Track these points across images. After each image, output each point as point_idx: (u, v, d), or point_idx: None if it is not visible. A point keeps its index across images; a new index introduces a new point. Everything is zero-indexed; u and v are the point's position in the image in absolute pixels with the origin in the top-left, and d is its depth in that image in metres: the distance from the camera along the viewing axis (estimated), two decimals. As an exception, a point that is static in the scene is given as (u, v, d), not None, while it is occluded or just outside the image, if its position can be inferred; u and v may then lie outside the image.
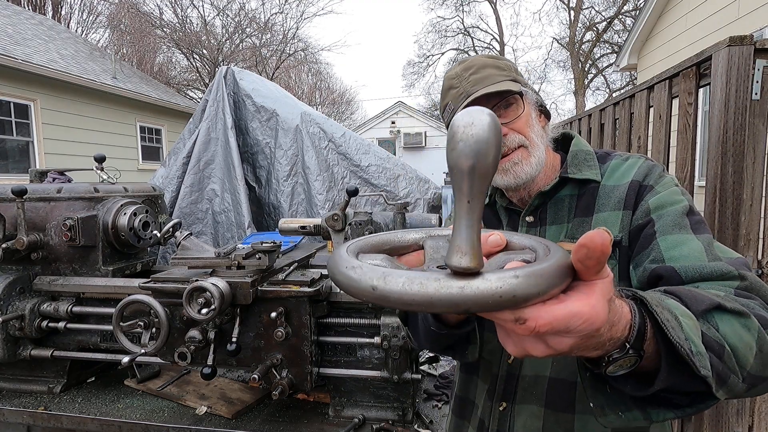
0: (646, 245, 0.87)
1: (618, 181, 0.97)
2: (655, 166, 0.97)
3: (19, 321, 2.06)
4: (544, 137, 1.03)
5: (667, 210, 0.88)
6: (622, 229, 0.92)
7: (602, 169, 1.00)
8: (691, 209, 0.89)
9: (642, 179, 0.94)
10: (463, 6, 23.38)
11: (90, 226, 2.13)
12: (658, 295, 0.63)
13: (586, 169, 1.00)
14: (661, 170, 0.96)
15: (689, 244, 0.82)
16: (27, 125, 8.67)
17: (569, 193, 1.01)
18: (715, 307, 0.63)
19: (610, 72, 21.19)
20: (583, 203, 0.99)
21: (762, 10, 4.93)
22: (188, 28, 18.67)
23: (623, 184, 0.95)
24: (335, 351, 1.96)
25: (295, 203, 3.50)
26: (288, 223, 2.28)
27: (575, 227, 0.98)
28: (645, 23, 7.53)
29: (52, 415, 2.00)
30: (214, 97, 3.57)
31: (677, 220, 0.86)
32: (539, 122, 1.03)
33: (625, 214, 0.93)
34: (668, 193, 0.91)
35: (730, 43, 1.99)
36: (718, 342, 0.60)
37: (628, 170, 0.97)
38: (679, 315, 0.58)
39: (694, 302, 0.62)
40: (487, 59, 1.02)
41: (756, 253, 2.06)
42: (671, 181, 0.94)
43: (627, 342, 0.55)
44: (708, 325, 0.61)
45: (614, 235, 0.90)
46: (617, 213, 0.93)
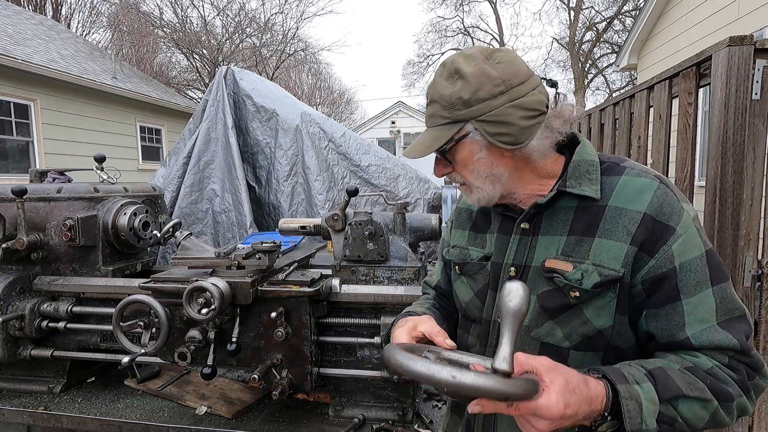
0: (668, 300, 0.87)
1: (628, 204, 0.90)
2: (669, 194, 0.90)
3: (19, 321, 2.06)
4: (492, 175, 0.96)
5: (691, 262, 0.86)
6: (625, 265, 0.88)
7: (609, 183, 0.94)
8: (709, 252, 0.88)
9: (656, 213, 0.88)
10: (463, 6, 23.39)
11: (90, 226, 2.13)
12: (640, 374, 0.81)
13: (587, 183, 0.94)
14: (676, 201, 0.89)
15: (705, 304, 0.86)
16: (27, 125, 8.67)
17: (567, 204, 0.96)
18: (680, 396, 0.80)
19: (610, 72, 21.19)
20: (585, 220, 0.93)
21: (762, 10, 4.93)
22: (188, 28, 18.67)
23: (633, 212, 0.89)
24: (335, 351, 1.96)
25: (295, 203, 3.50)
26: (288, 223, 2.28)
27: (572, 245, 0.93)
28: (645, 23, 7.53)
29: (52, 415, 2.00)
30: (214, 97, 3.57)
31: (699, 276, 0.86)
32: (488, 159, 0.95)
33: (634, 250, 0.88)
34: (690, 235, 0.87)
35: (730, 43, 1.99)
36: (672, 417, 0.80)
37: (640, 195, 0.90)
38: (645, 400, 0.77)
39: (664, 390, 0.80)
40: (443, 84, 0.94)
41: (756, 253, 2.06)
42: (689, 217, 0.88)
43: (605, 412, 0.77)
44: (668, 406, 0.79)
45: (617, 269, 0.88)
46: (623, 246, 0.88)
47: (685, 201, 0.91)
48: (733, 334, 0.85)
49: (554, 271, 0.93)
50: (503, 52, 0.94)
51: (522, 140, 0.91)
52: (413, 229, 2.16)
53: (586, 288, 0.89)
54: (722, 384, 0.83)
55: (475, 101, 0.90)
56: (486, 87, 0.89)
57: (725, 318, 0.86)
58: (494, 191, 0.99)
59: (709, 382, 0.82)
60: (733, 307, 0.87)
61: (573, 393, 0.73)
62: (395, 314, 1.85)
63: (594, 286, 0.89)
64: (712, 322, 0.85)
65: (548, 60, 27.80)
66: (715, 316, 0.86)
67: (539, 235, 0.98)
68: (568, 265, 0.92)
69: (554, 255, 0.95)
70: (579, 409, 0.74)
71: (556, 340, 0.94)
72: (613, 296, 0.89)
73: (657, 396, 0.78)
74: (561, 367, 0.77)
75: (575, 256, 0.92)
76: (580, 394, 0.74)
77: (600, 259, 0.89)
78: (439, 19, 24.18)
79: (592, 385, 0.77)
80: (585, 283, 0.89)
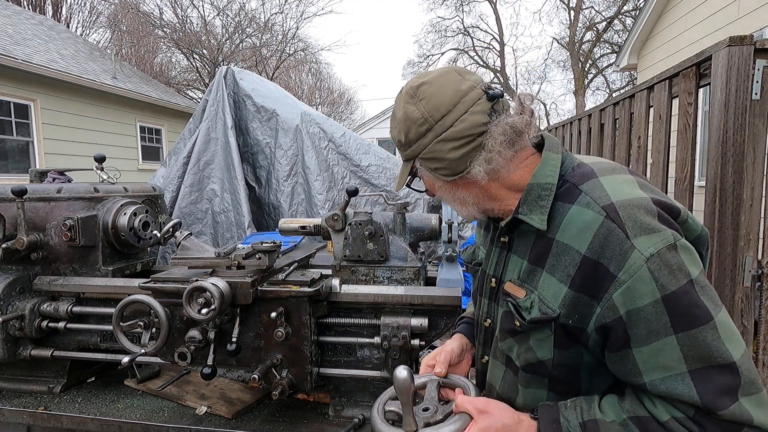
0: (618, 347, 0.82)
1: (571, 241, 0.86)
2: (614, 232, 0.80)
3: (19, 321, 2.06)
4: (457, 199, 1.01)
5: (640, 311, 0.78)
6: (563, 306, 0.86)
7: (560, 212, 0.89)
8: (670, 296, 0.77)
9: (597, 257, 0.81)
10: (463, 6, 23.37)
11: (90, 226, 2.13)
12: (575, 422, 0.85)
13: (537, 211, 0.91)
14: (623, 238, 0.79)
15: (666, 352, 0.78)
16: (27, 125, 8.67)
17: (528, 228, 0.95)
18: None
19: (610, 72, 21.18)
20: (538, 249, 0.92)
21: (762, 10, 4.93)
22: (188, 28, 18.66)
23: (575, 252, 0.84)
24: (335, 351, 1.95)
25: (295, 203, 3.50)
26: (288, 223, 2.28)
27: (527, 271, 0.94)
28: (645, 23, 7.53)
29: (52, 415, 2.00)
30: (214, 97, 3.58)
31: (652, 325, 0.78)
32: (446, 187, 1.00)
33: (573, 294, 0.85)
34: (636, 281, 0.78)
35: (730, 43, 1.99)
36: None
37: (583, 232, 0.84)
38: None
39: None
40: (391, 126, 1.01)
41: (756, 253, 2.06)
42: (638, 257, 0.78)
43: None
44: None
45: (554, 309, 0.87)
46: (562, 288, 0.86)
47: (643, 233, 0.79)
48: (699, 386, 0.76)
49: (509, 294, 0.96)
50: (428, 84, 0.94)
51: (460, 170, 0.93)
52: (413, 229, 2.16)
53: (525, 321, 0.91)
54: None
55: (409, 143, 0.96)
56: (413, 128, 0.94)
57: (700, 366, 0.76)
58: (468, 211, 1.02)
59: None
60: (710, 354, 0.76)
61: (495, 419, 0.88)
62: (395, 314, 1.85)
63: (530, 321, 0.90)
64: (679, 369, 0.77)
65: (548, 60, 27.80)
66: (685, 364, 0.77)
67: (511, 253, 1.00)
68: (522, 291, 0.94)
69: (515, 278, 0.97)
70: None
71: (513, 357, 0.98)
72: (549, 333, 0.89)
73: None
74: (494, 408, 0.90)
75: (529, 284, 0.93)
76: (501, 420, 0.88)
77: (544, 294, 0.89)
78: (439, 20, 24.17)
79: (522, 425, 0.89)
80: (527, 315, 0.91)
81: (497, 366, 1.05)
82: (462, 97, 0.91)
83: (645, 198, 0.85)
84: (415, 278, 2.03)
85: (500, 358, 1.03)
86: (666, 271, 0.77)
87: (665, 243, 0.79)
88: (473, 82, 0.93)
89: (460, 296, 1.87)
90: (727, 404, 0.75)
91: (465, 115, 0.90)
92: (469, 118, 0.90)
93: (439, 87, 0.92)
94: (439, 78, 0.94)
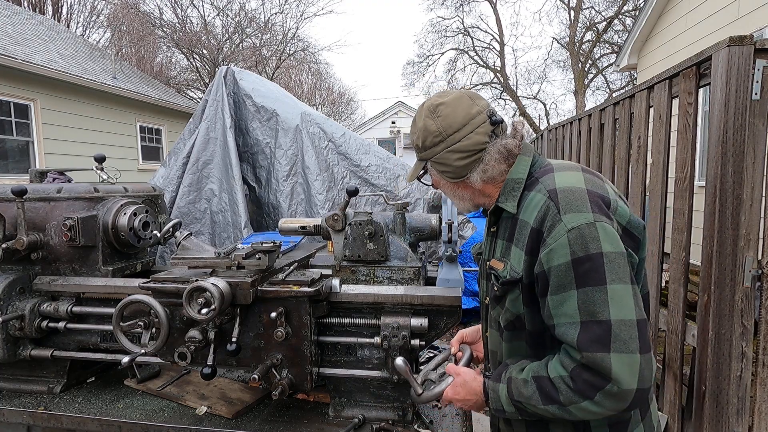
0: (542, 294, 1.07)
1: (527, 218, 1.12)
2: (550, 209, 1.06)
3: (19, 321, 2.07)
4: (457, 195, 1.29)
5: (557, 268, 1.02)
6: (524, 270, 1.10)
7: (525, 198, 1.15)
8: (578, 260, 1.00)
9: (539, 226, 1.07)
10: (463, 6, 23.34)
11: (90, 226, 2.13)
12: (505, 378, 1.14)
13: (510, 199, 1.18)
14: (555, 213, 1.05)
15: (567, 303, 1.02)
16: (27, 125, 8.67)
17: (507, 215, 1.21)
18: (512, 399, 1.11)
19: (610, 72, 21.16)
20: (511, 228, 1.18)
21: (762, 10, 4.93)
22: (188, 28, 18.66)
23: (527, 225, 1.11)
24: (335, 351, 1.96)
25: (295, 203, 3.50)
26: (288, 223, 2.28)
27: (505, 249, 1.19)
28: (645, 23, 7.53)
29: (52, 415, 2.00)
30: (214, 97, 3.57)
31: (562, 280, 1.02)
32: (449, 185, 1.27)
33: (527, 258, 1.10)
34: (558, 246, 1.02)
35: (730, 43, 1.99)
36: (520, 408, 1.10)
37: (533, 210, 1.10)
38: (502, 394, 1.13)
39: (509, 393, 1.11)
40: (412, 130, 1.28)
41: (756, 253, 2.06)
42: (563, 228, 1.02)
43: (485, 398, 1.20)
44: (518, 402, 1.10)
45: (518, 272, 1.12)
46: (521, 254, 1.11)
47: (571, 211, 1.03)
48: (581, 334, 0.99)
49: (492, 268, 1.22)
50: (446, 105, 1.19)
51: (463, 175, 1.21)
52: (413, 229, 2.16)
53: (499, 284, 1.17)
54: (556, 392, 1.03)
55: (425, 148, 1.23)
56: (429, 138, 1.21)
57: (587, 319, 0.99)
58: (466, 204, 1.30)
59: (546, 389, 1.04)
60: (594, 311, 0.98)
61: (462, 387, 1.25)
62: (395, 314, 1.86)
63: (502, 283, 1.16)
64: (575, 319, 1.00)
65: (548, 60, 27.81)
66: (579, 315, 1.00)
67: (497, 238, 1.25)
68: (500, 264, 1.19)
69: (497, 255, 1.22)
70: (466, 395, 1.24)
71: (501, 321, 1.22)
72: (518, 292, 1.13)
73: (507, 396, 1.12)
74: (463, 371, 1.29)
75: (506, 257, 1.18)
76: (466, 387, 1.24)
77: (512, 262, 1.15)
78: (439, 20, 24.15)
79: (476, 381, 1.24)
80: (501, 280, 1.17)
81: (494, 335, 1.29)
82: (470, 119, 1.17)
83: (582, 188, 1.09)
84: (415, 278, 2.03)
85: (494, 327, 1.26)
86: (580, 241, 1.00)
87: (586, 221, 1.02)
88: (481, 107, 1.19)
89: (460, 296, 1.87)
90: (592, 350, 0.97)
91: (471, 134, 1.17)
92: (474, 137, 1.17)
93: (453, 109, 1.18)
94: (455, 101, 1.19)
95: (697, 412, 2.23)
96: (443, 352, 1.50)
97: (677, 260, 2.44)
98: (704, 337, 2.17)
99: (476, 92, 1.28)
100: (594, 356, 0.96)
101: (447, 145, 1.18)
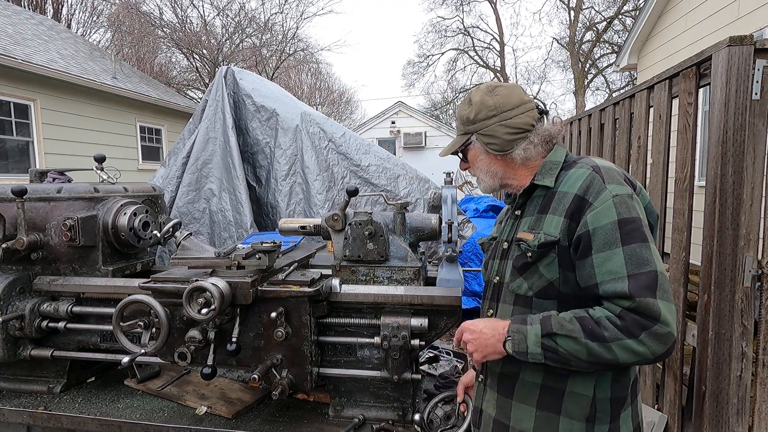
0: (584, 255, 1.15)
1: (569, 189, 1.21)
2: (595, 179, 1.18)
3: (19, 321, 2.06)
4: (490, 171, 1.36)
5: (603, 227, 1.12)
6: (561, 232, 1.18)
7: (563, 175, 1.26)
8: (624, 220, 1.11)
9: (584, 193, 1.17)
10: (463, 6, 23.35)
11: (90, 226, 2.13)
12: (535, 319, 1.17)
13: (548, 177, 1.28)
14: (601, 183, 1.16)
15: (613, 260, 1.10)
16: (27, 125, 8.66)
17: (539, 194, 1.30)
18: (551, 333, 1.12)
19: (610, 72, 21.16)
20: (544, 202, 1.27)
21: (762, 10, 4.93)
22: (188, 28, 18.65)
23: (570, 194, 1.20)
24: (335, 351, 1.95)
25: (293, 203, 3.50)
26: (288, 223, 2.28)
27: (535, 221, 1.27)
28: (645, 23, 7.53)
29: (52, 415, 2.00)
30: (214, 96, 3.57)
31: (608, 238, 1.11)
32: (487, 160, 1.35)
33: (566, 221, 1.18)
34: (604, 207, 1.13)
35: (730, 43, 1.99)
36: (552, 347, 1.12)
37: (576, 181, 1.20)
38: (530, 334, 1.14)
39: (543, 329, 1.13)
40: (462, 107, 1.38)
41: (756, 253, 2.06)
42: (608, 194, 1.14)
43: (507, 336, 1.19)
44: (549, 339, 1.13)
45: (555, 235, 1.19)
46: (560, 219, 1.20)
47: (613, 182, 1.16)
48: (631, 283, 1.07)
49: (521, 240, 1.27)
50: (504, 87, 1.32)
51: (507, 149, 1.31)
52: (413, 229, 2.16)
53: (534, 248, 1.21)
54: (600, 328, 1.07)
55: (476, 121, 1.32)
56: (483, 111, 1.31)
57: (635, 271, 1.08)
58: (493, 182, 1.38)
59: (590, 326, 1.08)
60: (642, 262, 1.08)
61: (482, 321, 1.27)
62: (395, 314, 1.85)
63: (538, 246, 1.21)
64: (621, 273, 1.08)
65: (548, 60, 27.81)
66: (626, 269, 1.08)
67: (523, 217, 1.34)
68: (530, 235, 1.25)
69: (525, 229, 1.28)
70: (484, 327, 1.23)
71: (523, 291, 1.26)
72: (554, 255, 1.20)
73: (540, 333, 1.13)
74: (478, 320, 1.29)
75: (536, 229, 1.25)
76: (487, 321, 1.26)
77: (547, 229, 1.21)
78: (439, 20, 24.16)
79: (502, 321, 1.24)
80: (534, 246, 1.21)
81: (505, 308, 1.33)
82: (524, 103, 1.30)
83: (618, 169, 1.24)
84: (415, 278, 2.03)
85: (509, 300, 1.31)
86: (624, 206, 1.13)
87: (626, 192, 1.16)
88: (531, 97, 1.34)
89: (460, 296, 1.87)
90: (645, 295, 1.05)
91: (522, 114, 1.29)
92: (524, 118, 1.29)
93: (510, 91, 1.31)
94: (511, 87, 1.33)
95: (697, 412, 2.23)
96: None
97: (677, 260, 2.44)
98: (704, 337, 2.17)
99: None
100: (646, 300, 1.04)
101: (500, 119, 1.28)
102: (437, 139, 15.47)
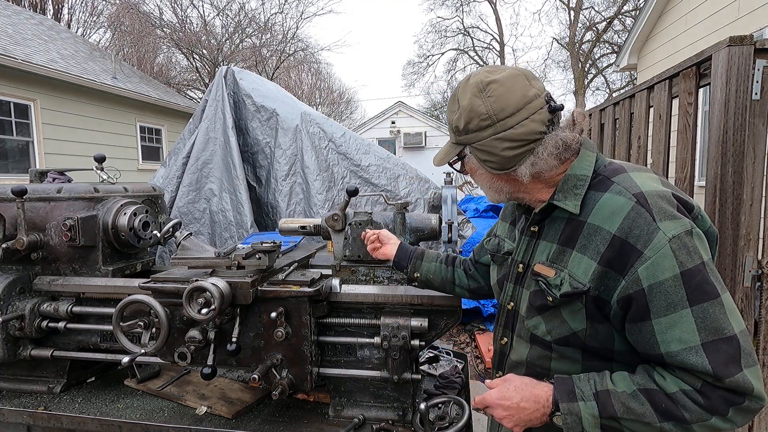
0: (640, 319, 0.92)
1: (602, 223, 0.96)
2: (642, 215, 0.91)
3: (19, 321, 2.06)
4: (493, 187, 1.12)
5: (661, 284, 0.88)
6: (592, 280, 0.96)
7: (593, 199, 1.00)
8: (688, 272, 0.87)
9: (626, 236, 0.92)
10: (462, 6, 23.37)
11: (90, 226, 2.13)
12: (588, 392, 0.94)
13: (571, 197, 1.02)
14: (650, 221, 0.90)
15: (681, 325, 0.88)
16: (27, 125, 8.66)
17: (560, 215, 1.06)
18: (614, 417, 0.91)
19: (610, 72, 21.17)
20: (569, 232, 1.03)
21: (762, 10, 4.93)
22: (188, 28, 18.65)
23: (606, 232, 0.95)
24: (335, 351, 1.95)
25: (293, 203, 3.50)
26: (288, 223, 2.28)
27: (557, 254, 1.04)
28: (645, 23, 7.53)
29: (52, 415, 2.00)
30: (214, 96, 3.57)
31: (672, 297, 0.88)
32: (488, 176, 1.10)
33: (600, 269, 0.95)
34: (660, 257, 0.88)
35: (730, 43, 1.99)
36: (615, 428, 0.93)
37: (615, 215, 0.95)
38: (585, 414, 0.93)
39: (603, 410, 0.92)
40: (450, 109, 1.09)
41: (756, 253, 2.06)
42: (663, 237, 0.89)
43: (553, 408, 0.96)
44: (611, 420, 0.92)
45: (585, 283, 0.97)
46: (592, 264, 0.96)
47: (666, 218, 0.91)
48: (710, 356, 0.86)
49: (539, 275, 1.06)
50: (498, 83, 0.99)
51: (508, 167, 1.03)
52: (413, 229, 2.16)
53: (556, 295, 1.01)
54: (678, 408, 0.88)
55: (467, 132, 1.04)
56: (475, 121, 1.01)
57: (711, 339, 0.86)
58: (499, 197, 1.14)
59: (663, 405, 0.89)
60: (718, 327, 0.87)
61: (515, 390, 0.99)
62: (395, 314, 1.85)
63: (562, 295, 0.99)
64: (694, 342, 0.87)
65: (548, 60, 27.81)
66: (699, 336, 0.87)
67: (540, 239, 1.11)
68: (551, 271, 1.03)
69: (543, 260, 1.07)
70: (521, 401, 0.98)
71: (540, 333, 1.06)
72: (581, 305, 0.98)
73: (598, 413, 0.92)
74: (514, 377, 1.04)
75: (558, 264, 1.03)
76: (522, 390, 0.99)
77: (574, 271, 0.99)
78: (439, 20, 24.18)
79: (540, 386, 1.00)
80: (556, 292, 1.01)
81: (521, 344, 1.14)
82: (527, 103, 0.98)
83: (668, 192, 0.97)
84: (415, 278, 2.03)
85: (525, 337, 1.12)
86: (684, 251, 0.88)
87: (684, 228, 0.90)
88: (538, 90, 1.00)
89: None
90: (733, 372, 0.85)
91: (526, 120, 0.98)
92: (529, 125, 0.98)
93: (508, 89, 0.99)
94: (509, 79, 0.99)
95: (697, 412, 2.22)
96: None
97: (677, 260, 2.44)
98: (704, 337, 2.17)
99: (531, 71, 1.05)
100: (735, 379, 0.85)
101: (496, 130, 0.99)
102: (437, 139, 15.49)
